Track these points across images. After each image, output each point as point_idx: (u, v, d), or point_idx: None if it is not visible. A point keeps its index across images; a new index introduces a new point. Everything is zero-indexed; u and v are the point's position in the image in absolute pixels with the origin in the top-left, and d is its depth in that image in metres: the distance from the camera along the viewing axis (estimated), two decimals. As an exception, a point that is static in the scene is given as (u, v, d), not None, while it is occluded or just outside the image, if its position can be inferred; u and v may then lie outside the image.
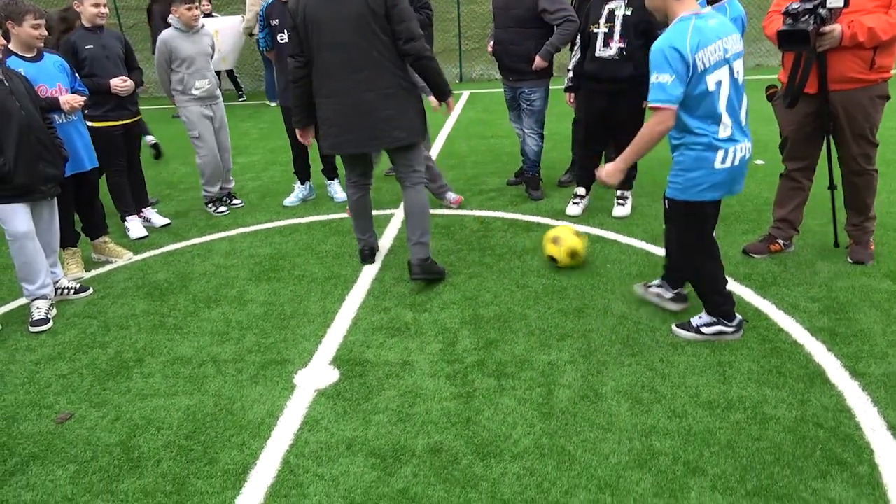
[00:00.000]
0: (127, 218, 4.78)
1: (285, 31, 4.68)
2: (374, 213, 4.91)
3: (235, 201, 5.36)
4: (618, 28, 4.12)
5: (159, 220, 4.99)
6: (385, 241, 4.40)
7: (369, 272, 3.94)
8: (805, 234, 3.93)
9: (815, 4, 3.07)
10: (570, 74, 4.55)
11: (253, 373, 2.97)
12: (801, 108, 3.41)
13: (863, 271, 3.55)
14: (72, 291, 3.80)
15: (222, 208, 5.16)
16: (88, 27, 4.33)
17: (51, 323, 3.48)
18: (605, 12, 4.16)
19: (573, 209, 4.70)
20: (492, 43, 4.91)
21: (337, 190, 5.41)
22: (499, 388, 2.75)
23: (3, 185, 3.31)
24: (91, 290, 3.86)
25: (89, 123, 4.28)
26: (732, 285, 3.44)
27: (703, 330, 3.00)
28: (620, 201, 4.66)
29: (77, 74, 4.04)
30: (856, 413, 2.47)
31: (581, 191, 4.75)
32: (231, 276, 4.02)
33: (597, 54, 4.23)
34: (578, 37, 4.47)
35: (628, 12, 4.08)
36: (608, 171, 2.87)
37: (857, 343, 2.91)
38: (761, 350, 2.90)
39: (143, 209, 4.97)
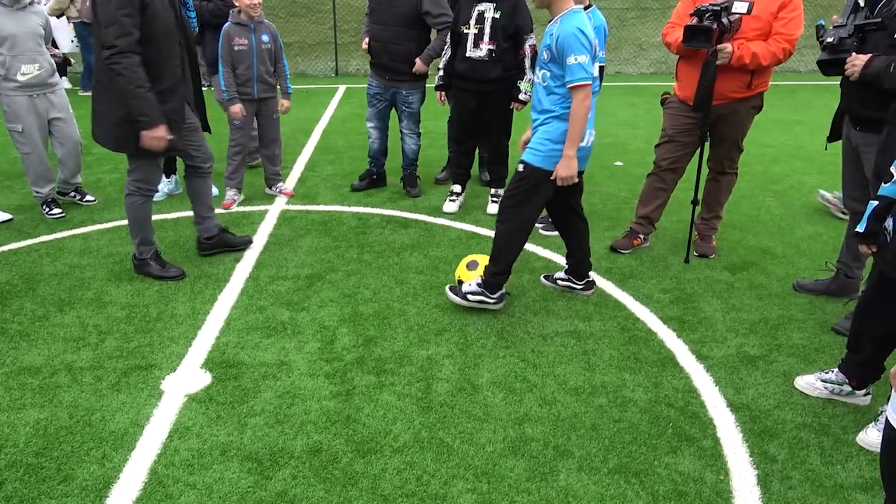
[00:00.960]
0: (-42, 213, 4.24)
1: None
2: (250, 208, 4.76)
3: (88, 198, 4.88)
4: (487, 30, 4.25)
5: (-2, 215, 4.48)
6: (259, 238, 4.26)
7: (243, 270, 3.80)
8: (658, 231, 4.29)
9: (720, 7, 3.36)
10: (441, 73, 4.63)
11: (114, 380, 2.76)
12: (689, 114, 3.71)
13: (706, 264, 3.95)
14: None
15: (55, 210, 4.58)
16: None
17: None
18: (474, 13, 4.27)
19: (450, 206, 4.80)
20: (367, 39, 4.87)
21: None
22: (378, 384, 2.77)
23: None
24: None
25: None
26: (595, 279, 3.70)
27: (469, 297, 3.28)
28: (494, 199, 4.82)
29: None
30: (701, 393, 2.74)
31: (457, 188, 4.87)
32: (87, 276, 3.70)
33: (467, 54, 4.34)
34: (448, 35, 4.56)
35: (497, 15, 4.22)
36: (563, 167, 2.99)
37: (701, 329, 3.23)
38: (621, 338, 3.13)
39: (-22, 203, 4.44)
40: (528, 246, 4.17)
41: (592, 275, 3.57)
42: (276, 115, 4.86)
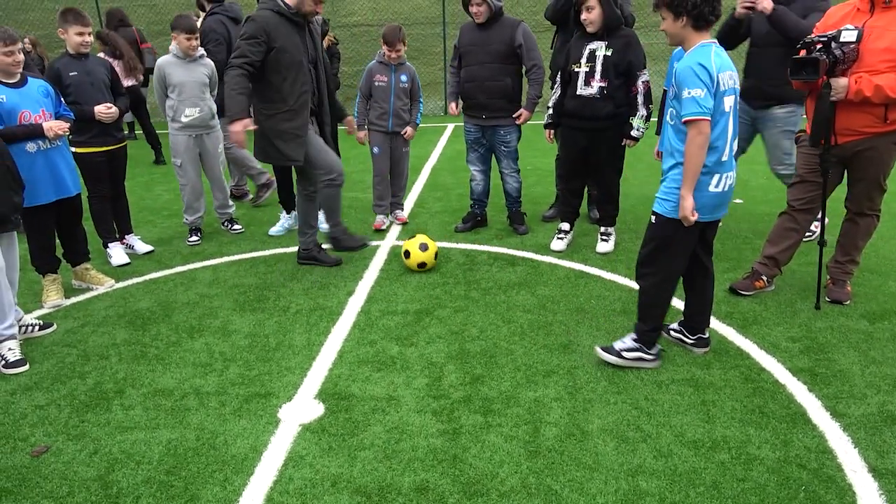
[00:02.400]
0: (109, 244, 4.72)
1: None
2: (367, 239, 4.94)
3: (236, 227, 5.38)
4: (598, 68, 4.22)
5: (142, 247, 4.94)
6: (371, 273, 4.40)
7: (355, 304, 3.93)
8: (784, 274, 4.00)
9: (829, 37, 3.21)
10: (550, 111, 4.63)
11: (236, 406, 2.93)
12: (819, 151, 3.48)
13: (840, 311, 3.63)
14: (36, 328, 3.64)
15: (193, 238, 5.11)
16: (73, 54, 4.32)
17: (27, 364, 3.31)
18: (585, 52, 4.26)
19: (557, 244, 4.75)
20: (453, 104, 5.00)
21: (323, 220, 5.41)
22: (485, 424, 2.74)
23: None
24: (55, 326, 3.72)
25: (73, 149, 4.26)
26: (715, 323, 3.51)
27: (625, 354, 3.11)
28: (604, 237, 4.72)
29: (62, 99, 4.03)
30: (837, 454, 2.50)
31: (565, 226, 4.81)
32: (215, 305, 3.98)
33: (578, 92, 4.33)
34: (559, 75, 4.57)
35: (608, 53, 4.20)
36: (685, 208, 2.82)
37: (836, 384, 2.96)
38: (744, 389, 2.93)
39: (126, 236, 4.93)
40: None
41: (712, 324, 3.36)
42: (406, 149, 5.27)
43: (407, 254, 4.33)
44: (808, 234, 4.06)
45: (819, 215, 3.72)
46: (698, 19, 2.76)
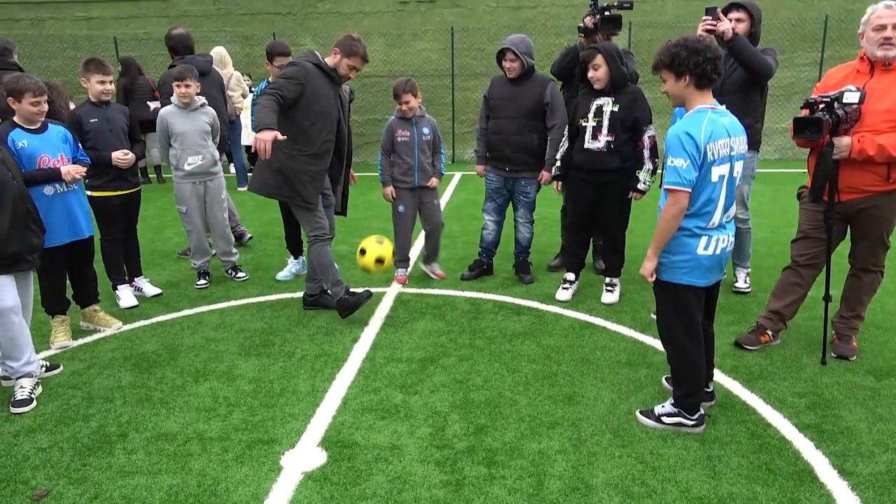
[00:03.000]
0: (118, 287, 4.77)
1: None
2: (368, 288, 4.96)
3: (240, 275, 5.35)
4: (605, 123, 4.33)
5: (151, 289, 4.98)
6: (376, 320, 4.42)
7: (360, 351, 3.94)
8: (790, 328, 4.00)
9: (832, 98, 3.28)
10: (558, 164, 4.71)
11: (239, 452, 2.91)
12: (822, 208, 3.53)
13: (847, 367, 3.62)
14: (42, 370, 3.66)
15: (201, 281, 5.16)
16: (94, 102, 4.47)
17: (34, 403, 3.33)
18: (593, 107, 4.38)
19: (563, 294, 4.77)
20: (482, 168, 5.10)
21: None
22: (489, 476, 2.72)
23: None
24: (61, 368, 3.74)
25: (89, 193, 4.37)
26: (720, 377, 3.49)
27: (664, 419, 3.04)
28: (609, 288, 4.74)
29: (80, 144, 4.14)
30: (846, 514, 2.46)
31: (570, 276, 4.84)
32: (220, 349, 3.99)
33: (585, 146, 4.42)
34: (566, 128, 4.67)
35: (615, 108, 4.31)
36: (645, 268, 2.91)
37: (843, 441, 2.93)
38: (750, 445, 2.90)
39: (136, 278, 4.98)
40: (648, 340, 4.03)
41: (718, 377, 3.33)
42: (436, 201, 5.15)
43: (363, 251, 4.29)
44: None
45: (823, 270, 3.74)
46: (701, 78, 2.78)
